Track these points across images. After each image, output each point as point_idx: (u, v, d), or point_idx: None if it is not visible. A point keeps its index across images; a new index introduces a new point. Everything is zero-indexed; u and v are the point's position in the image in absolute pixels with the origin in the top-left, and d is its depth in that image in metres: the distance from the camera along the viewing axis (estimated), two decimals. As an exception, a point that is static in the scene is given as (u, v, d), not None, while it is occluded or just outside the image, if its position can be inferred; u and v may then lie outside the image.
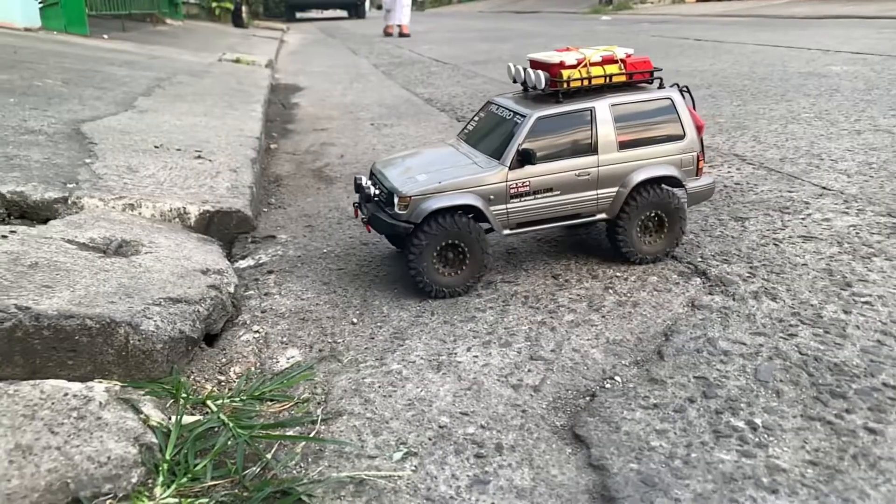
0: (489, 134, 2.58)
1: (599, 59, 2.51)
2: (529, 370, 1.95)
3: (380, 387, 1.90)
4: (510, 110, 2.53)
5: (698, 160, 2.61)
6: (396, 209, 2.36)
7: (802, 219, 3.06)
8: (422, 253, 2.36)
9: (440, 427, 1.71)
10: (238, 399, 1.86)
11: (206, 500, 1.49)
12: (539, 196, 2.44)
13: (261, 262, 2.92)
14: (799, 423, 1.65)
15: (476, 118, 2.75)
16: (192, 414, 1.80)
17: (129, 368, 1.86)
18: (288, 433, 1.72)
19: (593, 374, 1.92)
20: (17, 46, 7.50)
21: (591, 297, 2.41)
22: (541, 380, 1.90)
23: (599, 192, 2.50)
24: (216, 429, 1.73)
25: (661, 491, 1.44)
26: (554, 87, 2.48)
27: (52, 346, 1.79)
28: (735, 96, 6.25)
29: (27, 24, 9.25)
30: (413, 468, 1.56)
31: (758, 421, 1.66)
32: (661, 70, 2.64)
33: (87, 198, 3.00)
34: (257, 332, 2.28)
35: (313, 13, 32.82)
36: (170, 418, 1.75)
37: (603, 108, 2.47)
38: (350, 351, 2.12)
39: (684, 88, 2.62)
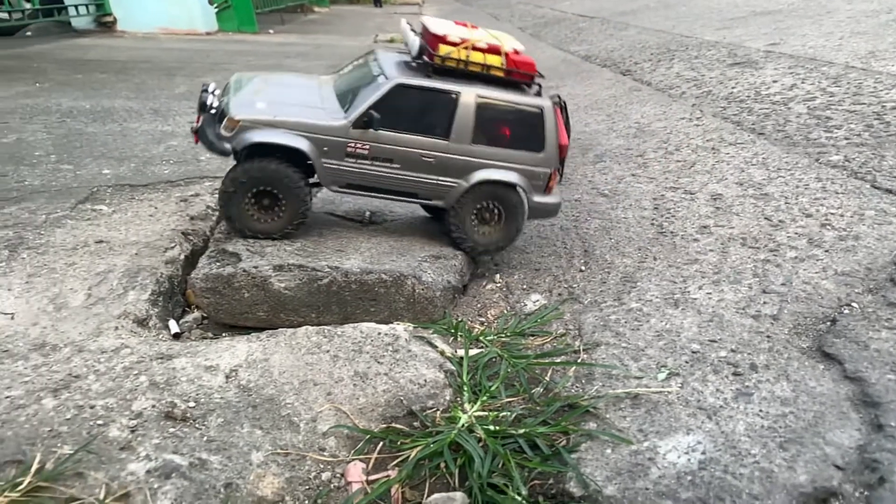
0: (353, 84, 2.45)
1: (485, 46, 2.36)
2: (765, 302, 2.12)
3: (626, 322, 2.16)
4: (380, 68, 2.40)
5: (551, 178, 2.48)
6: (223, 130, 2.27)
7: None
8: (233, 196, 2.32)
9: (693, 352, 1.94)
10: (504, 335, 2.20)
11: (507, 413, 1.82)
12: (378, 163, 2.34)
13: (478, 223, 3.25)
14: None
15: (353, 63, 2.65)
16: (471, 348, 2.15)
17: (416, 313, 2.25)
18: (556, 361, 2.03)
19: (829, 303, 2.07)
20: (207, 51, 8.40)
21: (809, 234, 2.51)
22: (778, 310, 2.07)
23: (440, 178, 2.39)
24: (494, 359, 2.07)
25: (923, 397, 1.59)
26: (431, 59, 2.34)
27: (359, 297, 2.21)
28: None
29: (207, 28, 10.26)
30: (679, 385, 1.81)
31: None
32: (543, 77, 2.50)
33: (324, 178, 3.48)
34: (498, 281, 2.61)
35: (442, -18, 33.00)
36: (455, 351, 2.11)
37: (468, 95, 2.32)
38: (587, 294, 2.39)
39: (561, 103, 2.46)
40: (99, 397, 1.75)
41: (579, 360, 2.00)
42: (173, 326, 2.23)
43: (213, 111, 2.38)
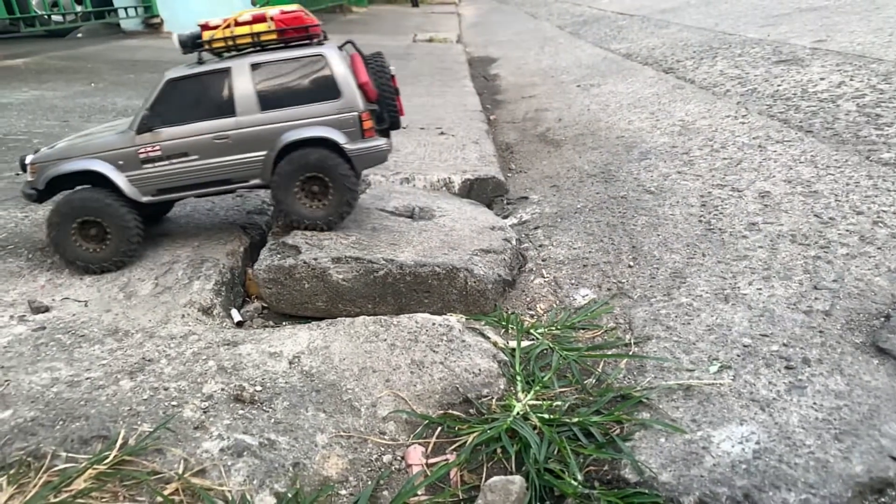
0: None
1: (249, 18, 2.39)
2: (816, 298, 2.13)
3: (676, 317, 2.19)
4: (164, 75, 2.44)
5: (362, 120, 2.43)
6: (28, 177, 2.40)
7: None
8: (57, 229, 2.37)
9: (744, 346, 1.96)
10: (555, 328, 2.24)
11: (561, 402, 1.87)
12: (175, 161, 2.37)
13: (523, 219, 3.30)
14: None
15: None
16: (522, 340, 2.20)
17: (468, 305, 2.31)
18: (608, 353, 2.06)
19: (882, 299, 2.07)
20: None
21: (860, 231, 2.50)
22: (830, 306, 2.08)
23: (245, 155, 2.39)
24: (545, 351, 2.12)
25: (981, 392, 1.60)
26: (210, 49, 2.42)
27: (413, 289, 2.27)
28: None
29: (250, 29, 10.45)
30: (731, 378, 1.84)
31: None
32: (319, 25, 2.47)
33: (372, 175, 3.56)
34: (546, 276, 2.65)
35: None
36: (507, 343, 2.16)
37: (241, 67, 2.37)
38: (636, 289, 2.42)
39: (354, 46, 2.44)
40: (172, 380, 1.84)
41: (630, 353, 2.03)
42: (236, 315, 2.32)
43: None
